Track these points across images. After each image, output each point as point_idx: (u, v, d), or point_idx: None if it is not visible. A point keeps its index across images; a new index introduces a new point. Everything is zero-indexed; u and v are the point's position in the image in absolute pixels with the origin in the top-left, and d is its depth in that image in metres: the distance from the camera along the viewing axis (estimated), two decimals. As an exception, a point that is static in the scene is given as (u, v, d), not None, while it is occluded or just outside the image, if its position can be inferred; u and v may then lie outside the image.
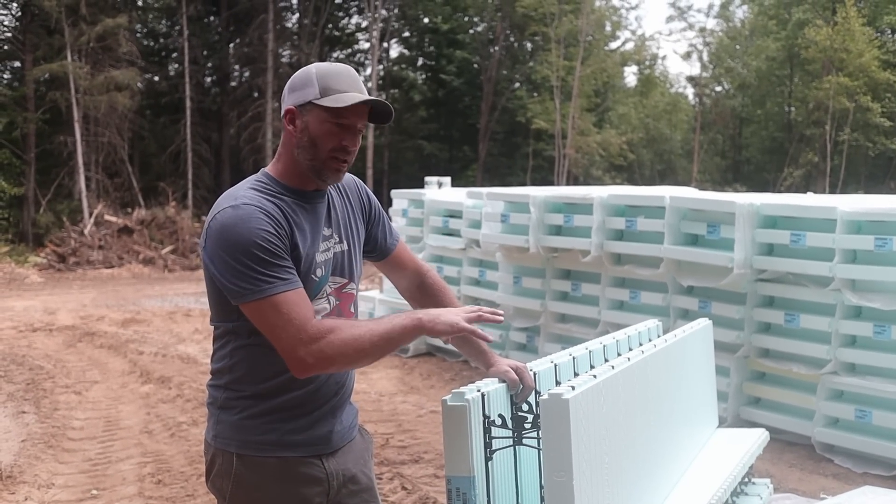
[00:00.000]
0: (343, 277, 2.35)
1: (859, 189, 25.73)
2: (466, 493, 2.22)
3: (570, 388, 2.18)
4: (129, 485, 5.33)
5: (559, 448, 2.10)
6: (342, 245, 2.35)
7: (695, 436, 3.69)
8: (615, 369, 2.56)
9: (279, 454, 2.23)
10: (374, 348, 2.10)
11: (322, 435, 2.30)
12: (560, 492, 2.09)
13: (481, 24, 33.79)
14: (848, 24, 25.80)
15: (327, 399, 2.31)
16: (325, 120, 2.19)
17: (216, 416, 2.29)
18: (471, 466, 2.21)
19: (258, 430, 2.23)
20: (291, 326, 2.05)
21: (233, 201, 2.15)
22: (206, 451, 2.33)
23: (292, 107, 2.22)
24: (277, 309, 2.06)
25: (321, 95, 2.18)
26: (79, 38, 22.38)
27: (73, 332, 10.91)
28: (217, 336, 2.32)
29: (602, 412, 2.36)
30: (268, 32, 26.77)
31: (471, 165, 31.58)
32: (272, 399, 2.23)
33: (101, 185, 23.63)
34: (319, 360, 2.06)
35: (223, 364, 2.28)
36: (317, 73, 2.21)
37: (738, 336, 6.45)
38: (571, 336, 7.66)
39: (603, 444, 2.34)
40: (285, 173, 2.26)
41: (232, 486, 2.24)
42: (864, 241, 5.74)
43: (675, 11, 38.77)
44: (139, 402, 7.39)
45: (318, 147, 2.20)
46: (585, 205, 7.56)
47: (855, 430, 5.87)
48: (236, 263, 2.08)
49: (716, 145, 36.39)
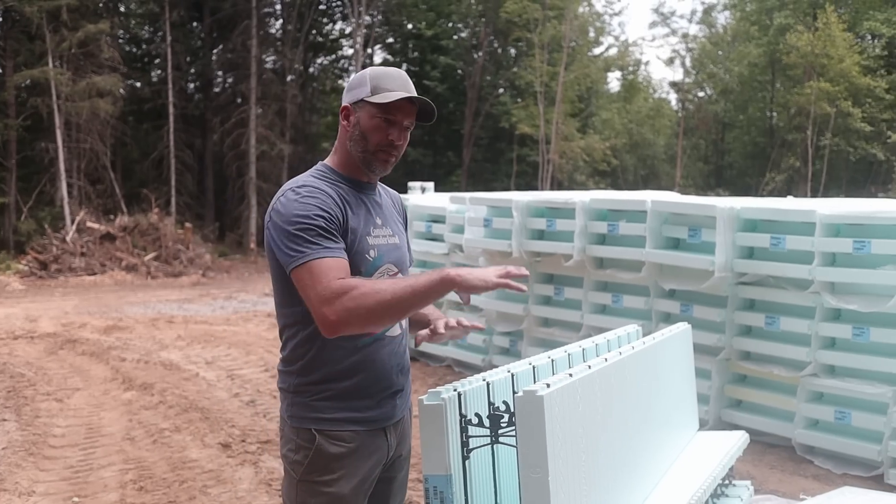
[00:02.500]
0: (396, 267, 2.54)
1: (840, 193, 25.92)
2: (444, 492, 2.24)
3: (545, 386, 2.19)
4: (111, 492, 5.30)
5: (534, 445, 2.12)
6: (394, 238, 2.57)
7: (675, 438, 3.71)
8: (591, 369, 2.58)
9: (352, 428, 2.43)
10: (396, 300, 2.21)
11: (386, 410, 2.51)
12: (536, 488, 2.11)
13: (465, 30, 33.82)
14: (829, 29, 26.01)
15: (389, 380, 2.50)
16: (374, 115, 2.42)
17: (290, 398, 2.49)
18: (448, 465, 2.23)
19: (331, 409, 2.43)
20: (319, 286, 2.23)
21: (295, 185, 2.41)
22: (281, 427, 2.54)
23: (347, 104, 2.47)
24: (311, 272, 2.25)
25: (371, 93, 2.42)
26: (60, 43, 22.23)
27: (55, 339, 10.83)
28: (287, 325, 2.48)
29: (578, 411, 2.38)
30: (251, 38, 26.67)
31: (455, 171, 31.59)
32: (341, 382, 2.43)
33: (83, 192, 23.46)
34: (341, 315, 2.20)
35: (294, 352, 2.46)
36: (370, 75, 2.46)
37: (720, 339, 6.49)
38: (554, 340, 7.68)
39: (580, 442, 2.36)
40: (341, 164, 2.51)
41: (312, 456, 2.42)
42: (843, 243, 5.79)
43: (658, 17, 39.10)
44: (121, 409, 7.35)
45: (367, 140, 2.44)
46: (568, 209, 7.59)
47: (834, 431, 5.92)
48: (289, 235, 2.29)
49: (698, 150, 36.58)
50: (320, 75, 34.51)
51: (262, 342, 10.77)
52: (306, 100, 31.74)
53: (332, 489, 2.40)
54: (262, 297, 16.24)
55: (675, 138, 34.62)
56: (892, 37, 26.75)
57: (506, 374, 2.58)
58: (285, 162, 27.80)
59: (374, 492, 2.55)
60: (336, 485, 2.40)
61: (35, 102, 22.31)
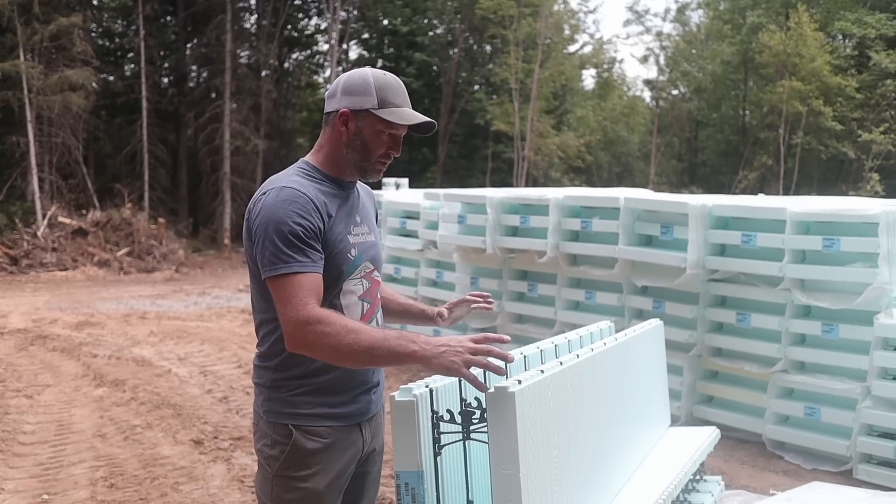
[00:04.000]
0: (372, 264, 2.56)
1: (812, 191, 26.14)
2: (415, 488, 2.25)
3: (516, 382, 2.20)
4: (82, 489, 5.26)
5: (505, 441, 2.13)
6: (370, 236, 2.59)
7: (647, 434, 3.74)
8: (563, 366, 2.59)
9: (328, 423, 2.44)
10: (352, 355, 2.24)
11: (362, 406, 2.52)
12: (507, 484, 2.13)
13: (441, 26, 33.77)
14: (800, 29, 26.21)
15: (365, 376, 2.52)
16: (379, 130, 2.43)
17: (265, 393, 2.48)
18: (419, 461, 2.24)
19: (308, 404, 2.43)
20: (293, 303, 2.25)
21: (279, 184, 2.38)
22: (255, 421, 2.54)
23: (347, 110, 2.43)
24: (287, 287, 2.27)
25: (379, 106, 2.41)
26: (31, 37, 21.95)
27: (25, 335, 10.72)
28: (264, 321, 2.47)
29: (550, 407, 2.39)
30: (226, 33, 26.49)
31: (430, 167, 31.56)
32: (318, 377, 2.42)
33: (54, 187, 23.20)
34: (301, 343, 2.25)
35: (273, 348, 2.45)
36: (375, 84, 2.43)
37: (691, 335, 6.54)
38: (528, 336, 7.69)
39: (551, 438, 2.37)
40: (326, 164, 2.50)
41: (289, 451, 2.41)
42: (813, 241, 5.86)
43: (633, 15, 39.03)
44: (92, 406, 7.29)
45: (369, 151, 2.45)
46: (541, 206, 7.61)
47: (804, 427, 5.99)
48: (268, 240, 2.29)
49: (672, 148, 36.75)
50: (295, 71, 34.35)
51: (235, 338, 10.72)
52: (281, 95, 31.58)
53: (308, 484, 2.41)
54: (236, 293, 16.15)
55: (650, 136, 34.76)
56: (862, 37, 26.99)
57: (478, 371, 2.59)
58: (260, 157, 27.66)
59: (349, 487, 2.56)
60: (312, 480, 2.41)
61: (6, 96, 21.99)
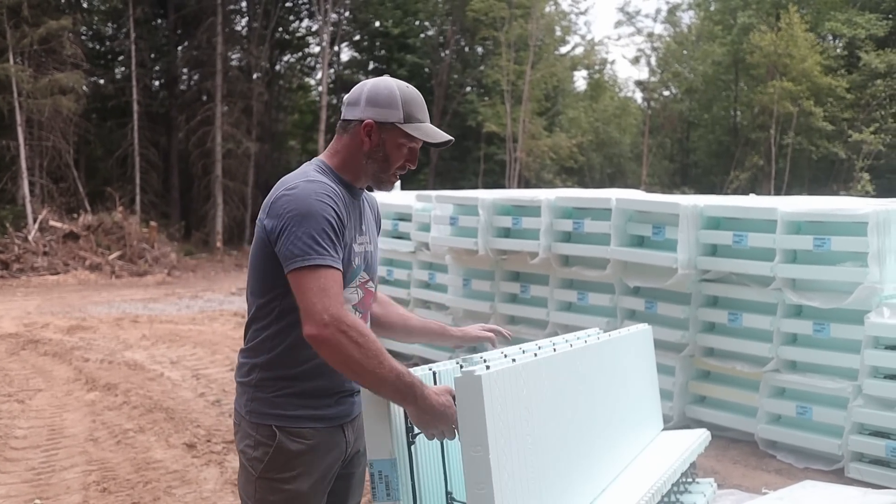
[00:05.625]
0: (368, 274, 2.57)
1: (803, 191, 26.24)
2: (389, 476, 2.29)
3: (484, 367, 2.25)
4: (74, 493, 5.25)
5: (474, 423, 2.18)
6: (370, 246, 2.59)
7: (636, 436, 3.76)
8: (536, 357, 2.67)
9: (312, 425, 2.43)
10: (362, 374, 2.22)
11: (345, 408, 2.52)
12: (477, 466, 2.17)
13: (432, 28, 33.82)
14: (791, 29, 26.31)
15: (351, 382, 2.49)
16: (402, 144, 2.47)
17: (249, 393, 2.46)
18: (391, 449, 2.27)
19: (292, 406, 2.42)
20: (329, 296, 2.22)
21: (305, 177, 2.38)
22: (237, 421, 2.51)
23: (372, 121, 2.45)
24: (322, 278, 2.23)
25: (404, 121, 2.45)
26: (21, 40, 21.89)
27: (17, 339, 10.68)
28: (258, 317, 2.45)
29: (523, 394, 2.45)
30: (217, 35, 26.46)
31: (422, 169, 31.55)
32: (304, 382, 2.42)
33: (45, 190, 23.14)
34: (324, 339, 2.19)
35: (263, 344, 2.44)
36: (401, 98, 2.46)
37: (683, 336, 6.55)
38: (521, 338, 7.67)
39: (524, 423, 2.43)
40: (342, 169, 2.50)
41: (272, 453, 2.40)
42: (804, 241, 5.88)
43: (624, 16, 39.28)
44: (84, 410, 7.27)
45: (389, 163, 2.48)
46: (533, 207, 7.63)
47: (796, 426, 6.01)
48: (300, 230, 2.26)
49: (664, 149, 36.85)
50: (287, 73, 34.34)
51: (228, 341, 10.70)
52: (273, 97, 31.56)
53: (292, 486, 2.40)
54: (228, 295, 16.13)
55: (641, 137, 34.85)
56: (852, 37, 27.12)
57: (454, 365, 2.64)
58: (251, 160, 27.63)
59: (333, 489, 2.56)
60: (295, 482, 2.41)
61: (-5, 99, 21.97)
